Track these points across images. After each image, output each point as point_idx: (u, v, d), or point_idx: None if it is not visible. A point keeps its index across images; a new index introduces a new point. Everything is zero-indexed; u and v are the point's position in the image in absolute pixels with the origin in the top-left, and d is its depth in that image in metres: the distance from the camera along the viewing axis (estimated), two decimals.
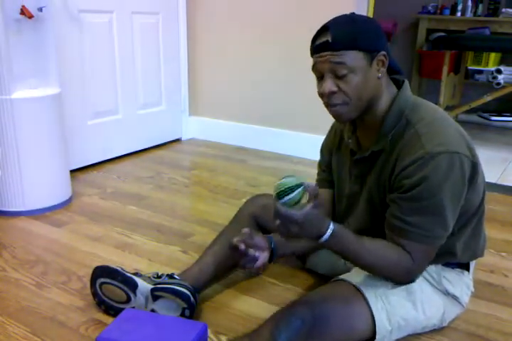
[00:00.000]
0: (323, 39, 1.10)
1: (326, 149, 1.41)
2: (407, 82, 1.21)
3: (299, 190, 1.03)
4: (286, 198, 1.03)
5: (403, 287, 1.20)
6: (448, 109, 3.74)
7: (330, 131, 1.42)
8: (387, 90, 1.17)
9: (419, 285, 1.21)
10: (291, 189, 1.03)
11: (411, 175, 1.09)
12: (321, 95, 1.14)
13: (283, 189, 1.04)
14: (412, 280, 1.20)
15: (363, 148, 1.24)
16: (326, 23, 1.12)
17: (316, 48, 1.11)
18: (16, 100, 1.90)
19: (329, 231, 1.07)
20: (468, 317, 1.37)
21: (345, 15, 1.13)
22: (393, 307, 1.17)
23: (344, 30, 1.09)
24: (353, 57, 1.08)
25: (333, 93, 1.11)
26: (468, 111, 3.73)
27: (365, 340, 1.17)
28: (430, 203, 1.08)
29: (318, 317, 1.08)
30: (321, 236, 1.07)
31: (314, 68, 1.14)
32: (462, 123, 4.00)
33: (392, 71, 1.19)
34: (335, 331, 1.13)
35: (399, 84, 1.20)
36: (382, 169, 1.18)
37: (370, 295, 1.16)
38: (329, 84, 1.11)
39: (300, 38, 1.16)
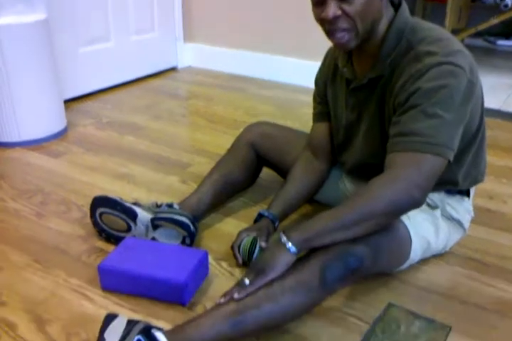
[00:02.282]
0: None
1: (321, 80, 1.34)
2: (404, 4, 1.13)
3: (257, 245, 1.24)
4: (255, 255, 1.23)
5: (429, 211, 1.20)
6: (454, 32, 3.60)
7: (324, 61, 1.34)
8: (386, 12, 1.10)
9: (437, 211, 1.22)
10: (252, 246, 1.24)
11: (407, 89, 1.04)
12: (323, 21, 1.07)
13: (247, 253, 1.25)
14: (420, 198, 1.02)
15: (358, 76, 1.18)
16: None
17: None
18: (2, 27, 1.81)
19: (290, 246, 1.01)
20: (466, 242, 1.38)
21: None
22: (421, 229, 1.17)
23: None
24: None
25: (337, 17, 1.04)
26: (474, 35, 3.60)
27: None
28: (426, 107, 1.01)
29: (376, 256, 1.06)
30: (289, 251, 1.02)
31: None
32: (468, 47, 3.87)
33: None
34: (384, 264, 1.14)
35: (394, 7, 1.13)
36: (382, 96, 1.13)
37: (404, 216, 1.13)
38: (333, 8, 1.03)
39: None
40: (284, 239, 1.03)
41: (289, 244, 1.02)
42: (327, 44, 1.29)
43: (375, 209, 1.01)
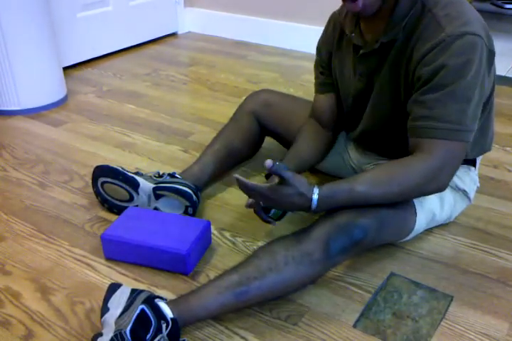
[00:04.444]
0: None
1: (324, 48, 1.28)
2: None
3: None
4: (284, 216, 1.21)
5: None
6: None
7: (327, 27, 1.28)
8: None
9: None
10: None
11: (430, 62, 1.00)
12: None
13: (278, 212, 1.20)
14: (444, 185, 1.06)
15: (368, 41, 1.13)
16: None
17: None
18: None
19: (314, 202, 1.01)
20: (469, 211, 1.38)
21: None
22: (426, 201, 1.17)
23: None
24: None
25: None
26: None
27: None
28: (453, 89, 0.99)
29: (381, 228, 1.06)
30: (309, 208, 1.02)
31: None
32: None
33: None
34: (388, 236, 1.15)
35: None
36: (397, 61, 1.08)
37: None
38: None
39: None
40: (315, 197, 1.01)
41: (315, 205, 1.01)
42: (331, 8, 1.25)
43: (404, 194, 1.06)
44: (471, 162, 1.25)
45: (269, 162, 0.99)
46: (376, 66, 1.13)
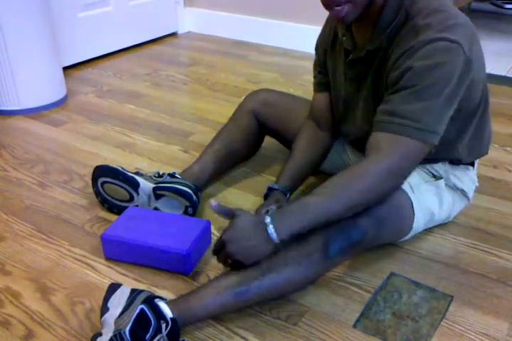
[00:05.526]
0: None
1: (321, 47, 1.29)
2: None
3: None
4: None
5: (433, 182, 1.18)
6: None
7: (324, 27, 1.28)
8: None
9: (441, 182, 1.20)
10: None
11: (399, 67, 0.99)
12: None
13: None
14: (401, 184, 1.07)
15: (358, 46, 1.13)
16: None
17: None
18: None
19: (269, 222, 0.96)
20: (469, 211, 1.38)
21: None
22: (424, 201, 1.16)
23: None
24: None
25: None
26: None
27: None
28: (418, 89, 0.96)
29: (379, 228, 1.06)
30: (269, 236, 0.96)
31: None
32: (474, 12, 3.79)
33: None
34: (387, 236, 1.15)
35: None
36: (378, 70, 1.09)
37: (407, 188, 1.13)
38: None
39: None
40: (271, 230, 0.97)
41: (275, 237, 0.97)
42: None
43: (362, 201, 1.01)
44: (470, 163, 1.25)
45: (213, 202, 1.01)
46: (363, 73, 1.14)
